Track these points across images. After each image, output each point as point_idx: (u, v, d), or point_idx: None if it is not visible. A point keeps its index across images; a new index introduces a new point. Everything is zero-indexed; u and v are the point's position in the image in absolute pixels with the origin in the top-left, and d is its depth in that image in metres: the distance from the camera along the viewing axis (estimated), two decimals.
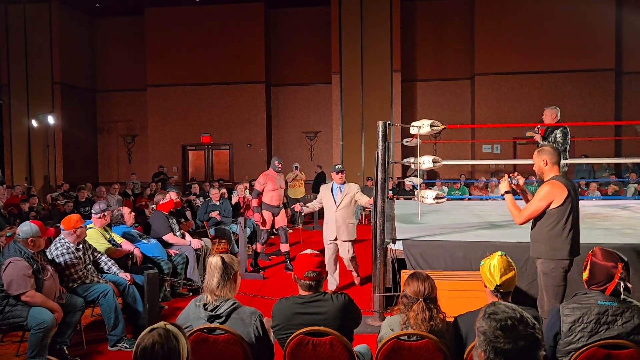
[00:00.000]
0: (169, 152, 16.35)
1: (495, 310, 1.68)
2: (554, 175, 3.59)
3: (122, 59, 16.93)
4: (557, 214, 3.50)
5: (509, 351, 1.59)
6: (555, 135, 6.35)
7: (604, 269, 2.49)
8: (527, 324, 1.63)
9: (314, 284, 2.69)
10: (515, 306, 1.72)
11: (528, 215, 3.59)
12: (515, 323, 1.62)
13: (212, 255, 2.76)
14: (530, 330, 1.61)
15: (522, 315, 1.66)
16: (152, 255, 5.69)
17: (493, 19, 14.71)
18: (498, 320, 1.64)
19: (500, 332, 1.61)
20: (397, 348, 2.49)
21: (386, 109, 14.58)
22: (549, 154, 3.61)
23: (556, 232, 3.50)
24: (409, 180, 8.65)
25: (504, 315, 1.65)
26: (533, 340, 1.61)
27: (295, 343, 2.56)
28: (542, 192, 3.50)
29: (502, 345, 1.60)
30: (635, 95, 14.78)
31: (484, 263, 2.65)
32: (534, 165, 3.72)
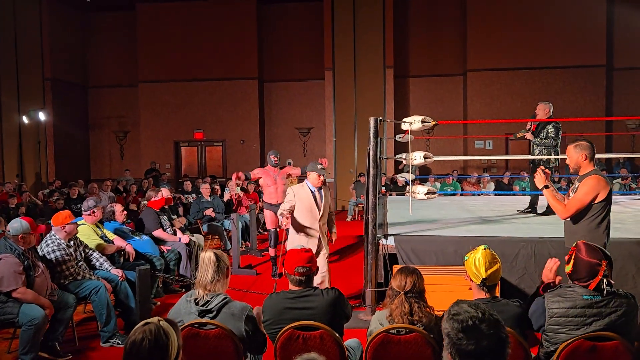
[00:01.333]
0: (162, 148, 16.30)
1: (457, 311, 1.63)
2: (593, 170, 3.62)
3: (114, 54, 16.83)
4: (599, 208, 3.55)
5: (473, 352, 1.54)
6: (547, 130, 6.39)
7: (587, 265, 2.52)
8: (491, 323, 1.58)
9: (304, 279, 2.72)
10: (481, 304, 1.66)
11: (576, 209, 3.55)
12: (476, 323, 1.57)
13: (204, 251, 2.77)
14: (492, 330, 1.56)
15: (485, 314, 1.60)
16: (144, 252, 5.69)
17: (485, 15, 14.75)
18: (460, 322, 1.59)
19: (462, 334, 1.56)
20: (386, 342, 2.51)
21: (379, 105, 14.60)
22: (588, 148, 3.64)
23: (594, 225, 3.56)
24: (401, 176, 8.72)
25: (466, 315, 1.59)
26: (497, 340, 1.56)
27: (285, 337, 2.59)
28: (589, 186, 3.51)
29: (465, 346, 1.55)
30: (626, 91, 14.88)
31: (468, 257, 2.68)
32: (569, 159, 3.71)
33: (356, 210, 12.90)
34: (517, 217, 6.71)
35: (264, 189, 6.93)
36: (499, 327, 1.59)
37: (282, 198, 6.53)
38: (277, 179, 6.81)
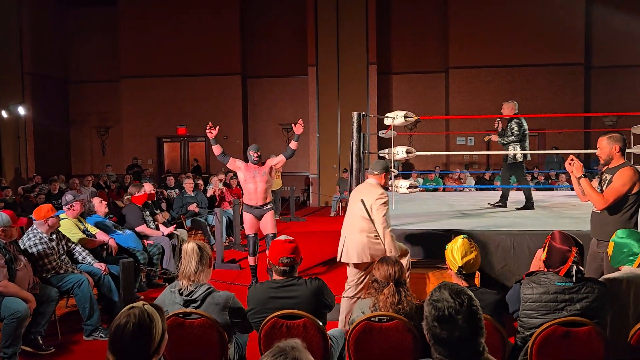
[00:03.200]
0: (144, 144, 16.17)
1: (438, 298, 1.64)
2: (625, 162, 3.69)
3: (96, 49, 16.60)
4: (633, 200, 3.61)
5: (445, 340, 1.58)
6: (510, 127, 6.61)
7: (559, 252, 2.61)
8: (467, 315, 1.59)
9: (288, 269, 2.77)
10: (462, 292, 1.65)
11: (614, 199, 3.58)
12: (452, 314, 1.59)
13: (186, 242, 2.80)
14: (467, 323, 1.58)
15: (464, 305, 1.61)
16: (127, 246, 5.68)
17: (467, 13, 14.92)
18: (437, 309, 1.61)
19: (437, 323, 1.60)
20: (368, 329, 2.57)
21: (362, 102, 14.67)
22: (621, 141, 3.70)
23: (627, 217, 3.62)
24: None
25: (444, 304, 1.61)
26: (471, 332, 1.58)
27: (269, 326, 2.63)
28: (626, 177, 3.55)
29: (439, 334, 1.59)
30: (603, 89, 15.19)
31: (448, 247, 2.76)
32: (601, 151, 3.74)
33: (339, 205, 12.97)
34: (496, 211, 6.83)
35: (243, 186, 6.03)
36: (475, 319, 1.61)
37: (262, 199, 5.82)
38: (257, 177, 5.83)
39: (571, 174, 3.82)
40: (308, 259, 6.96)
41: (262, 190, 5.83)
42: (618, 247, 2.90)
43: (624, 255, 2.87)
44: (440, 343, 1.60)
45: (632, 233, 2.93)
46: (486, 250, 4.96)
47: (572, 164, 3.76)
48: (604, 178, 3.74)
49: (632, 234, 2.93)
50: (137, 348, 1.72)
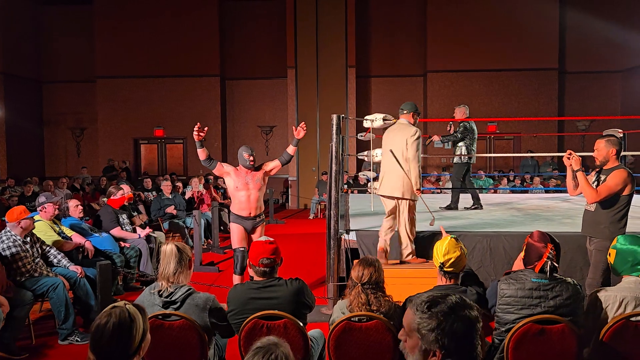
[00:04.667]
0: (120, 145, 15.93)
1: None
2: (620, 165, 3.84)
3: (70, 49, 16.27)
4: (624, 201, 3.78)
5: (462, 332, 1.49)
6: (459, 128, 6.97)
7: (536, 249, 2.68)
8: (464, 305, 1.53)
9: (269, 270, 2.78)
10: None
11: (606, 194, 3.74)
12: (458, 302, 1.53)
13: (165, 244, 2.79)
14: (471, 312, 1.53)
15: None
16: (104, 249, 5.61)
17: (445, 18, 15.12)
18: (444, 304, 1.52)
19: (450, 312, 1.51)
20: (348, 329, 2.59)
21: (341, 104, 14.73)
22: (618, 144, 3.85)
23: (619, 217, 3.78)
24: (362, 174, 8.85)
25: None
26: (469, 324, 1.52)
27: (250, 327, 2.63)
28: (620, 178, 3.71)
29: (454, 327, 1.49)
30: (577, 94, 15.57)
31: (436, 244, 2.82)
32: (598, 152, 3.89)
33: (318, 208, 12.99)
34: (473, 213, 6.94)
35: (232, 195, 5.11)
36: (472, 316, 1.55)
37: (255, 209, 5.07)
38: (250, 183, 5.04)
39: (568, 167, 3.96)
40: (287, 261, 6.94)
41: (255, 199, 5.05)
42: (622, 256, 2.75)
43: (628, 264, 2.72)
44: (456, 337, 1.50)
45: (635, 240, 2.77)
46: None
47: (570, 158, 3.90)
48: (600, 178, 3.89)
49: (636, 240, 2.76)
50: (118, 347, 1.71)
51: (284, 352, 1.56)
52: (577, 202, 8.49)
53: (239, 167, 5.10)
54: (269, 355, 1.53)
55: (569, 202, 8.31)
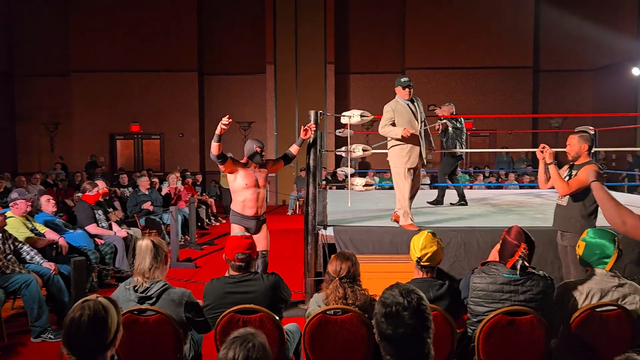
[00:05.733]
0: (96, 141, 15.68)
1: (387, 296, 1.68)
2: (591, 160, 3.92)
3: (44, 41, 15.93)
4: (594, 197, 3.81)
5: (391, 336, 1.62)
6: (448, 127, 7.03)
7: (510, 246, 2.74)
8: (414, 312, 1.62)
9: (244, 265, 2.79)
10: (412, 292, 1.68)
11: (576, 188, 3.80)
12: (399, 310, 1.61)
13: (141, 239, 2.78)
14: (413, 320, 1.61)
15: (412, 302, 1.63)
16: (78, 245, 5.53)
17: (423, 15, 15.26)
18: (385, 306, 1.64)
19: (384, 319, 1.63)
20: (323, 322, 2.62)
21: (320, 101, 14.76)
22: (590, 140, 3.91)
23: (590, 211, 3.86)
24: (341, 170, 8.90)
25: (392, 301, 1.64)
26: (415, 328, 1.61)
27: (225, 321, 2.64)
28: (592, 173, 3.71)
29: (384, 330, 1.62)
30: (551, 92, 15.90)
31: (412, 239, 2.87)
32: (571, 147, 3.96)
33: (297, 204, 13.01)
34: (449, 208, 7.04)
35: (237, 192, 4.71)
36: (422, 318, 1.64)
37: (262, 208, 4.82)
38: (259, 180, 4.74)
39: (541, 160, 4.04)
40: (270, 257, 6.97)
41: (262, 197, 4.80)
42: (590, 248, 2.80)
43: (595, 257, 2.78)
44: (386, 339, 1.63)
45: (604, 233, 2.82)
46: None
47: (544, 152, 3.97)
48: (572, 173, 3.96)
49: (604, 233, 2.81)
50: (93, 340, 1.71)
51: (260, 341, 1.58)
52: (550, 198, 8.68)
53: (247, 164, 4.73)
54: (246, 344, 1.56)
55: (541, 198, 8.49)
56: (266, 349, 1.58)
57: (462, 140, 7.18)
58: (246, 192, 4.65)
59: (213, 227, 10.80)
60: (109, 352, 1.76)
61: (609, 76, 15.05)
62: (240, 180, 4.61)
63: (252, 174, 4.68)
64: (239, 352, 1.53)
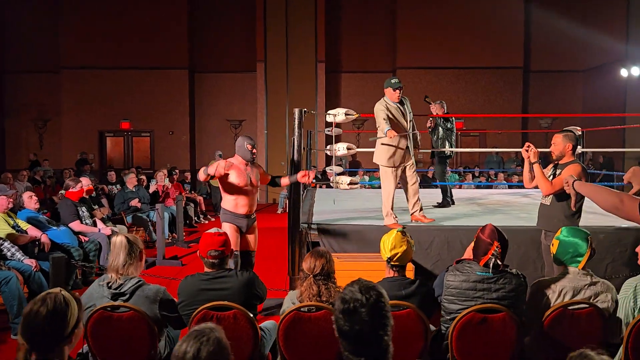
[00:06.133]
0: (85, 138, 15.58)
1: (347, 292, 1.67)
2: (576, 160, 3.90)
3: (34, 37, 15.78)
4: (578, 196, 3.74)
5: (347, 332, 1.62)
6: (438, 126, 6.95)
7: (484, 244, 2.76)
8: (372, 310, 1.61)
9: (217, 262, 2.80)
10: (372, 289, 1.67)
11: (559, 188, 3.75)
12: (357, 307, 1.61)
13: (115, 236, 2.77)
14: (370, 317, 1.60)
15: (370, 300, 1.63)
16: (61, 242, 5.51)
17: (414, 14, 15.29)
18: (343, 302, 1.64)
19: (341, 315, 1.63)
20: (297, 319, 2.63)
21: (311, 99, 14.76)
22: (574, 140, 3.89)
23: (574, 211, 3.83)
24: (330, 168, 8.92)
25: (351, 297, 1.63)
26: (372, 326, 1.60)
27: (199, 318, 2.64)
28: (575, 172, 3.71)
29: (342, 326, 1.63)
30: (540, 92, 15.99)
31: (382, 238, 2.87)
32: (555, 146, 3.95)
33: (286, 202, 12.98)
34: (434, 208, 7.05)
35: (231, 191, 4.58)
36: (380, 315, 1.63)
37: (254, 207, 4.76)
38: (252, 179, 4.63)
39: (526, 159, 4.01)
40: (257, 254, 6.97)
41: (255, 195, 4.77)
42: (563, 247, 2.82)
43: (569, 255, 2.80)
44: (343, 335, 1.63)
45: (578, 232, 2.86)
46: (421, 245, 5.13)
47: (529, 150, 3.95)
48: (556, 173, 3.96)
49: (578, 232, 2.85)
50: (50, 332, 1.70)
51: (217, 336, 1.59)
52: (536, 198, 8.69)
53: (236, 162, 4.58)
54: (200, 338, 1.57)
55: (528, 198, 8.53)
56: (221, 344, 1.59)
57: (452, 141, 7.13)
58: (239, 191, 4.55)
59: (202, 225, 10.78)
60: (66, 347, 1.76)
61: (598, 77, 15.15)
62: (233, 179, 4.49)
63: (245, 172, 4.57)
64: (191, 345, 1.55)
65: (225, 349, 1.60)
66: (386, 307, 1.66)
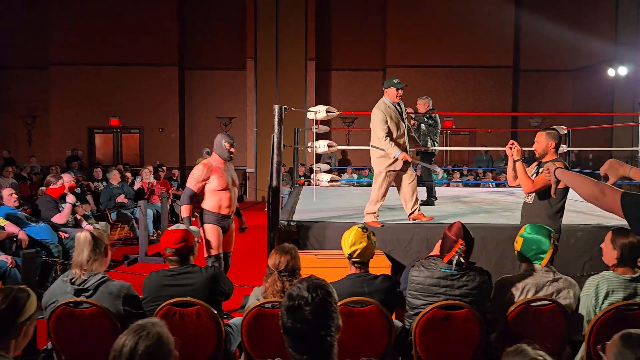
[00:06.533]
0: (74, 134, 15.51)
1: (295, 288, 1.65)
2: (558, 158, 3.88)
3: (23, 33, 15.70)
4: (561, 195, 3.78)
5: (289, 329, 1.60)
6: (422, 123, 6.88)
7: (449, 241, 2.76)
8: (315, 308, 1.58)
9: (177, 258, 2.79)
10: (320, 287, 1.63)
11: (541, 186, 3.73)
12: (301, 305, 1.58)
13: (80, 231, 2.76)
14: (313, 317, 1.57)
15: (316, 299, 1.59)
16: (40, 239, 5.48)
17: (404, 13, 15.31)
18: (290, 298, 1.62)
19: (285, 311, 1.61)
20: (260, 315, 2.62)
21: (300, 97, 14.74)
22: (557, 138, 3.86)
23: (555, 209, 3.80)
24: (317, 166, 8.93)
25: (297, 294, 1.61)
26: (314, 325, 1.57)
27: (162, 314, 2.63)
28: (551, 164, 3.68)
29: (285, 322, 1.61)
30: (530, 91, 16.06)
31: (343, 234, 2.86)
32: (538, 144, 3.90)
33: None
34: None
35: (213, 193, 4.47)
36: (324, 314, 1.59)
37: (234, 206, 4.69)
38: (233, 178, 4.66)
39: (510, 157, 3.98)
40: (242, 252, 7.00)
41: (236, 195, 4.72)
42: (527, 244, 2.84)
43: (532, 252, 2.82)
44: (286, 332, 1.62)
45: (541, 229, 2.88)
46: (400, 242, 5.14)
47: (512, 148, 3.91)
48: (539, 171, 3.93)
49: (541, 229, 2.87)
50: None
51: (157, 331, 1.58)
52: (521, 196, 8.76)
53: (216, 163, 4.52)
54: (139, 332, 1.56)
55: (513, 196, 8.56)
56: (161, 339, 1.58)
57: (436, 138, 7.10)
58: (221, 193, 4.48)
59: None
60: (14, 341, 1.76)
61: (587, 77, 15.23)
62: (215, 183, 4.41)
63: (225, 174, 4.50)
64: (130, 339, 1.54)
65: (165, 344, 1.59)
66: (332, 308, 1.62)
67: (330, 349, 1.61)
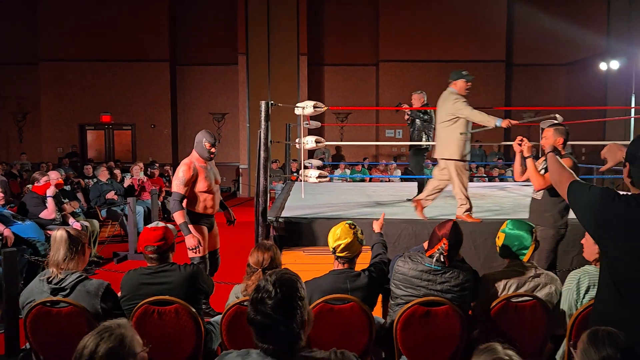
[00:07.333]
0: (65, 131, 15.42)
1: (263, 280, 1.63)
2: (566, 154, 3.85)
3: (12, 29, 15.57)
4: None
5: (252, 321, 1.59)
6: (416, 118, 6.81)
7: (435, 238, 2.74)
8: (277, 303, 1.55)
9: (156, 256, 2.76)
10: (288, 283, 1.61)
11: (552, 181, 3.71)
12: (264, 298, 1.56)
13: (56, 230, 2.72)
14: (274, 311, 1.55)
15: (278, 294, 1.57)
16: (27, 237, 5.43)
17: (397, 7, 15.25)
18: (256, 290, 1.60)
19: (249, 303, 1.61)
20: (239, 313, 2.60)
21: (293, 92, 14.69)
22: (565, 133, 3.82)
23: (563, 205, 3.77)
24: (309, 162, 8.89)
25: (263, 286, 1.59)
26: (274, 320, 1.55)
27: (140, 313, 2.60)
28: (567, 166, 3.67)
29: (249, 312, 1.59)
30: (523, 85, 16.04)
31: (330, 230, 2.84)
32: (546, 140, 3.87)
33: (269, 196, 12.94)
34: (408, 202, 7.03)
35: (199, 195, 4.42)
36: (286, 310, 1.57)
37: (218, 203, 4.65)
38: (217, 177, 4.64)
39: (518, 153, 3.99)
40: (235, 250, 6.97)
41: (219, 195, 4.68)
42: (509, 240, 2.83)
43: (514, 248, 2.82)
44: (250, 322, 1.61)
45: (522, 224, 2.87)
46: (389, 238, 5.10)
47: (521, 145, 3.91)
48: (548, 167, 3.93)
49: (522, 225, 2.86)
50: None
51: (121, 333, 1.55)
52: (512, 191, 8.76)
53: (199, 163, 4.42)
54: (103, 333, 1.53)
55: (505, 191, 8.58)
56: (124, 341, 1.55)
57: (430, 133, 7.06)
58: (205, 194, 4.44)
59: None
60: None
61: (580, 71, 15.23)
62: (201, 185, 4.36)
63: (209, 173, 4.45)
64: (91, 341, 1.52)
65: (127, 346, 1.55)
66: (295, 304, 1.59)
67: (295, 342, 1.58)
